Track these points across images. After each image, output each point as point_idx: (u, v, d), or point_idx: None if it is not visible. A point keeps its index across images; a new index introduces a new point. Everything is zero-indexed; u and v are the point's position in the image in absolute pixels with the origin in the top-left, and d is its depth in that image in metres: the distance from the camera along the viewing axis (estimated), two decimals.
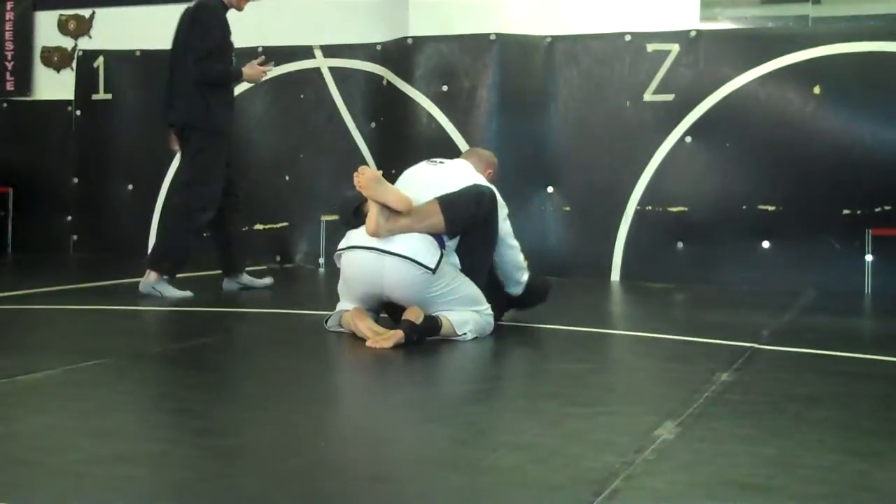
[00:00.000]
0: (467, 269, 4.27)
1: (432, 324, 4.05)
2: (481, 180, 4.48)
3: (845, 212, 6.53)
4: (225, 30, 5.88)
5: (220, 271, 6.20)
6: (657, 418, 2.82)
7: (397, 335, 3.94)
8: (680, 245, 6.99)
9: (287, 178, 8.02)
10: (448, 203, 4.15)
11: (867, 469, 2.41)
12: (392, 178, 4.52)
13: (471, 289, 4.24)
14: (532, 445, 2.59)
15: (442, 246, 4.13)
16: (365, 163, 7.68)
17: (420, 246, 4.06)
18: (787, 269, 6.64)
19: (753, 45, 6.91)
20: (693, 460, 2.46)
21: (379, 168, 7.54)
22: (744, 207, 6.80)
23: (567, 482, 2.26)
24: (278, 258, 7.98)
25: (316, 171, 7.92)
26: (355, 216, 4.20)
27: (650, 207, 7.02)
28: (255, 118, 8.14)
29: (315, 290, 6.93)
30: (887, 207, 6.45)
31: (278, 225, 8.03)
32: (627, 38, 7.12)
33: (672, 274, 6.85)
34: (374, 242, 4.07)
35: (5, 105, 9.06)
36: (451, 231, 4.16)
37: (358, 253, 4.14)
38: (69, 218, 8.69)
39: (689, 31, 7.04)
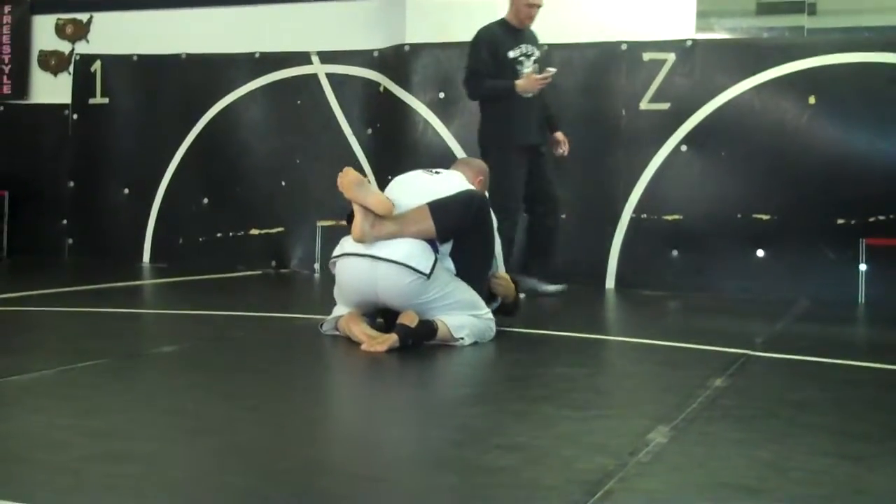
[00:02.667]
0: (463, 275, 4.26)
1: (428, 328, 4.05)
2: (466, 190, 4.47)
3: (839, 221, 6.55)
4: (496, 47, 6.31)
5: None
6: (651, 422, 2.83)
7: (391, 339, 3.94)
8: (675, 253, 7.00)
9: (283, 183, 8.04)
10: (437, 208, 4.13)
11: (858, 472, 2.42)
12: (387, 185, 4.54)
13: (467, 294, 4.24)
14: (526, 447, 2.60)
15: (435, 251, 4.12)
16: (361, 168, 7.70)
17: (413, 251, 4.05)
18: (781, 278, 6.66)
19: (749, 55, 6.94)
20: (686, 463, 2.48)
21: (375, 174, 7.57)
22: (738, 216, 6.81)
23: (561, 483, 2.27)
24: (274, 263, 7.99)
25: (312, 176, 7.93)
26: (348, 223, 4.19)
27: (645, 215, 7.03)
28: (252, 123, 8.16)
29: (310, 295, 6.93)
30: (881, 217, 6.47)
31: (274, 230, 8.04)
32: (623, 46, 7.14)
33: (667, 282, 6.86)
34: (367, 249, 4.05)
35: (2, 108, 9.06)
36: (441, 236, 4.14)
37: (351, 260, 4.13)
38: (65, 222, 8.69)
39: (685, 40, 7.06)
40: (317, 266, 7.85)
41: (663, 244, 7.00)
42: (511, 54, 6.32)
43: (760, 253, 6.80)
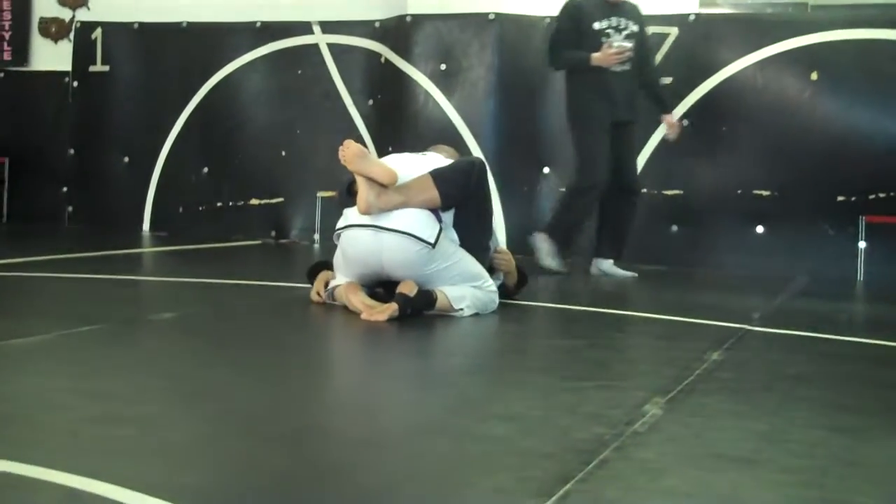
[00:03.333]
0: (466, 246, 4.27)
1: (427, 298, 4.05)
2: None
3: (840, 198, 6.55)
4: (581, 18, 6.11)
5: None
6: (648, 393, 2.84)
7: (391, 308, 3.94)
8: (674, 228, 7.00)
9: (283, 153, 8.03)
10: (439, 176, 4.13)
11: (852, 444, 2.43)
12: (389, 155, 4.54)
13: (471, 265, 4.23)
14: (522, 416, 2.61)
15: (439, 220, 4.12)
16: (362, 139, 7.68)
17: (418, 221, 4.04)
18: (780, 255, 6.66)
19: (752, 30, 6.91)
20: (682, 434, 2.49)
21: (376, 145, 7.56)
22: (739, 192, 6.81)
23: (556, 451, 2.28)
24: (273, 233, 7.99)
25: (312, 147, 7.91)
26: (349, 195, 4.17)
27: (645, 190, 7.01)
28: (252, 93, 8.15)
29: (310, 265, 6.92)
30: (882, 195, 6.47)
31: (274, 200, 8.04)
32: None
33: (666, 257, 6.86)
34: (372, 220, 4.04)
35: (2, 75, 9.03)
36: (445, 203, 4.12)
37: (356, 231, 4.11)
38: (64, 189, 8.68)
39: (688, 14, 7.04)
40: (316, 236, 7.85)
41: (663, 219, 7.00)
42: (597, 26, 6.07)
43: (760, 229, 6.80)
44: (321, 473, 2.10)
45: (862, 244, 6.49)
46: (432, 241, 4.03)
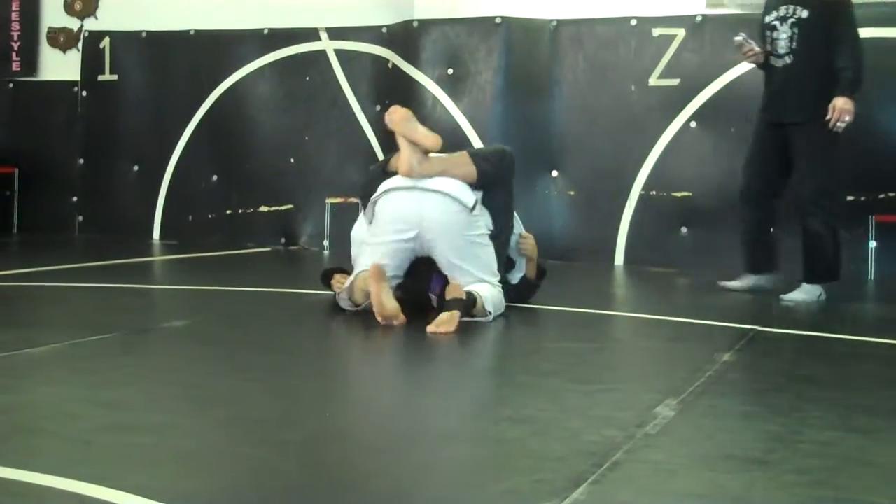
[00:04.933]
0: (496, 222, 4.38)
1: (472, 301, 4.04)
2: None
3: (849, 198, 6.52)
4: (764, 11, 5.55)
5: None
6: (659, 395, 2.84)
7: (455, 317, 3.87)
8: (684, 230, 6.99)
9: (292, 160, 8.03)
10: (477, 153, 4.33)
11: (865, 444, 2.43)
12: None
13: (492, 255, 4.31)
14: (534, 419, 2.61)
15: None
16: (370, 145, 7.70)
17: (458, 186, 4.19)
18: (790, 255, 6.62)
19: (759, 30, 6.88)
20: (694, 435, 2.49)
21: (384, 151, 7.56)
22: None
23: (568, 454, 2.28)
24: (283, 240, 8.00)
25: (321, 153, 7.93)
26: (385, 173, 4.29)
27: (654, 192, 7.02)
28: (260, 100, 8.16)
29: (319, 271, 6.92)
30: (891, 194, 6.44)
31: (283, 207, 8.05)
32: (633, 22, 7.11)
33: (675, 259, 6.85)
34: (414, 182, 4.14)
35: (11, 86, 9.06)
36: (480, 179, 4.25)
37: (398, 192, 4.20)
38: (74, 199, 8.70)
39: (695, 15, 7.03)
40: (326, 242, 7.85)
41: (672, 221, 6.99)
42: (767, 18, 5.49)
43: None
44: (334, 479, 2.10)
45: (872, 244, 6.47)
46: (470, 204, 4.15)
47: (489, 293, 4.17)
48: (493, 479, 2.14)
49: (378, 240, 4.23)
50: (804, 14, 5.31)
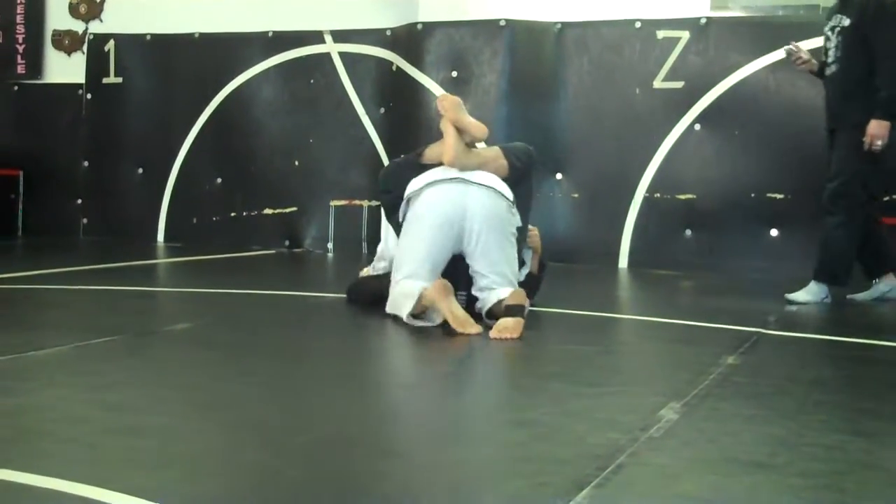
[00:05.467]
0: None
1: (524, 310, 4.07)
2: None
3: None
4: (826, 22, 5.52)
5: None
6: (663, 399, 2.84)
7: (520, 323, 3.90)
8: (688, 232, 6.99)
9: (296, 162, 8.04)
10: (508, 148, 4.39)
11: (870, 448, 2.43)
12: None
13: (515, 252, 4.34)
14: (537, 422, 2.61)
15: None
16: (374, 148, 7.72)
17: (499, 180, 4.24)
18: (794, 258, 6.63)
19: (764, 33, 6.90)
20: (697, 438, 2.48)
21: (388, 153, 7.58)
22: (752, 195, 6.80)
23: (572, 457, 2.28)
24: (287, 242, 8.01)
25: (325, 156, 7.95)
26: (419, 169, 4.28)
27: (659, 195, 7.02)
28: (265, 103, 8.17)
29: (324, 274, 6.95)
30: (895, 196, 6.44)
31: (287, 209, 8.06)
32: (637, 24, 7.11)
33: (680, 261, 6.86)
34: (457, 174, 4.16)
35: (16, 88, 9.07)
36: (511, 174, 4.29)
37: (440, 186, 4.20)
38: (79, 201, 8.71)
39: (700, 18, 7.03)
40: (330, 245, 7.86)
41: (677, 223, 7.00)
42: (825, 28, 5.48)
43: (774, 232, 6.79)
44: (338, 483, 2.10)
45: None
46: (511, 198, 4.21)
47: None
48: (496, 482, 2.14)
49: (419, 235, 4.17)
50: (846, 23, 5.30)
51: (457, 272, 4.20)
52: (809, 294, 5.30)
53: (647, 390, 3.08)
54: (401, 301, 4.10)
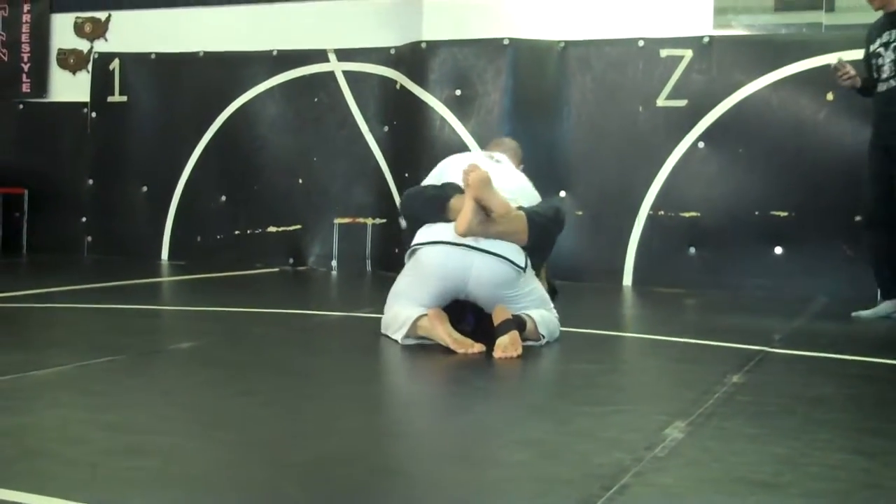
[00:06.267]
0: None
1: (521, 323, 4.03)
2: (533, 191, 4.52)
3: (857, 218, 6.50)
4: (867, 42, 5.61)
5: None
6: (668, 417, 2.83)
7: (517, 338, 3.90)
8: (692, 250, 6.99)
9: (300, 180, 8.06)
10: (534, 222, 4.14)
11: (874, 468, 2.41)
12: (405, 182, 4.55)
13: (542, 290, 4.28)
14: (542, 442, 2.60)
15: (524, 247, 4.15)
16: (378, 166, 7.73)
17: (508, 246, 4.07)
18: (799, 275, 6.64)
19: (767, 52, 6.92)
20: (703, 458, 2.47)
21: (392, 171, 7.59)
22: (756, 213, 6.80)
23: (576, 477, 2.27)
24: (291, 260, 8.01)
25: (329, 174, 7.96)
26: (439, 214, 4.16)
27: (662, 213, 7.02)
28: (269, 121, 8.19)
29: (328, 292, 6.95)
30: None
31: (291, 227, 8.07)
32: (641, 43, 7.13)
33: (684, 279, 6.86)
34: (464, 240, 4.03)
35: (21, 107, 9.11)
36: (529, 245, 4.13)
37: (444, 248, 4.08)
38: (84, 219, 8.74)
39: (703, 36, 7.05)
40: (334, 263, 7.87)
41: (680, 241, 7.00)
42: (871, 47, 5.55)
43: (778, 250, 6.79)
44: (341, 501, 2.10)
45: None
46: (523, 265, 4.07)
47: (541, 317, 4.15)
48: (500, 502, 2.13)
49: (420, 290, 4.13)
50: None
51: (459, 304, 4.18)
52: (882, 309, 5.49)
53: (652, 409, 3.07)
54: (394, 325, 4.14)
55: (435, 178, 4.48)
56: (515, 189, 4.33)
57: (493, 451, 2.52)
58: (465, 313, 4.21)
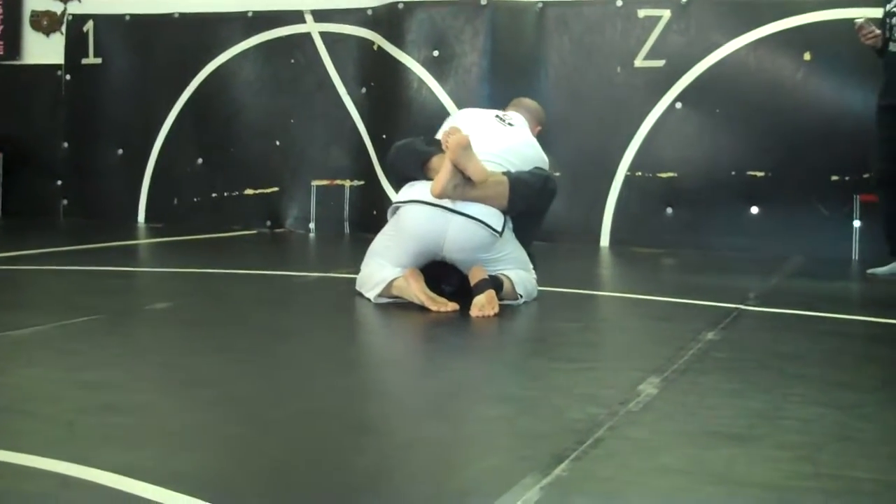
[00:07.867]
0: (517, 235, 4.27)
1: (500, 282, 4.03)
2: (541, 154, 4.47)
3: (834, 178, 6.55)
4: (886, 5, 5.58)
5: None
6: (642, 374, 2.85)
7: (493, 297, 3.90)
8: (669, 210, 7.01)
9: (278, 143, 8.02)
10: (516, 187, 4.09)
11: (846, 420, 2.44)
12: (383, 144, 4.51)
13: (521, 252, 4.26)
14: (517, 398, 2.62)
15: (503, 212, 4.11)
16: (356, 128, 7.70)
17: (488, 210, 4.03)
18: (775, 235, 6.67)
19: (744, 12, 6.90)
20: (677, 412, 2.50)
21: (369, 133, 7.57)
22: (733, 173, 6.82)
23: (551, 431, 2.29)
24: (269, 223, 7.99)
25: (306, 136, 7.92)
26: (420, 170, 4.13)
27: (640, 173, 7.03)
28: (245, 83, 8.13)
29: (305, 254, 6.94)
30: None
31: (269, 190, 8.03)
32: (619, 3, 7.11)
33: (661, 239, 6.87)
34: (443, 201, 3.99)
35: None
36: (509, 210, 4.10)
37: (423, 208, 4.05)
38: (59, 182, 8.67)
39: None
40: (311, 225, 7.85)
41: (658, 201, 7.01)
42: (888, 6, 5.56)
43: (755, 210, 6.81)
44: (318, 458, 2.11)
45: (857, 223, 6.50)
46: (500, 230, 4.04)
47: (519, 277, 4.14)
48: (475, 457, 2.14)
49: (397, 250, 4.12)
50: None
51: (443, 266, 4.18)
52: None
53: (627, 366, 3.09)
54: (369, 283, 4.13)
55: (441, 132, 4.44)
56: (506, 153, 4.26)
57: (468, 407, 2.54)
58: (450, 275, 4.21)
